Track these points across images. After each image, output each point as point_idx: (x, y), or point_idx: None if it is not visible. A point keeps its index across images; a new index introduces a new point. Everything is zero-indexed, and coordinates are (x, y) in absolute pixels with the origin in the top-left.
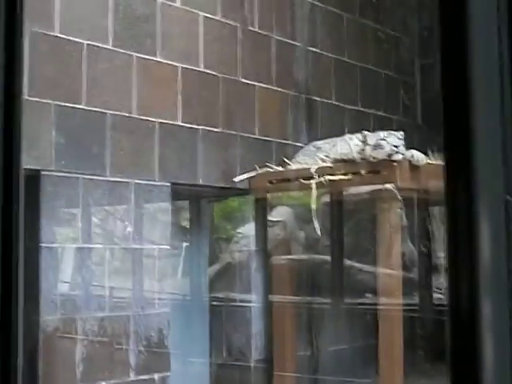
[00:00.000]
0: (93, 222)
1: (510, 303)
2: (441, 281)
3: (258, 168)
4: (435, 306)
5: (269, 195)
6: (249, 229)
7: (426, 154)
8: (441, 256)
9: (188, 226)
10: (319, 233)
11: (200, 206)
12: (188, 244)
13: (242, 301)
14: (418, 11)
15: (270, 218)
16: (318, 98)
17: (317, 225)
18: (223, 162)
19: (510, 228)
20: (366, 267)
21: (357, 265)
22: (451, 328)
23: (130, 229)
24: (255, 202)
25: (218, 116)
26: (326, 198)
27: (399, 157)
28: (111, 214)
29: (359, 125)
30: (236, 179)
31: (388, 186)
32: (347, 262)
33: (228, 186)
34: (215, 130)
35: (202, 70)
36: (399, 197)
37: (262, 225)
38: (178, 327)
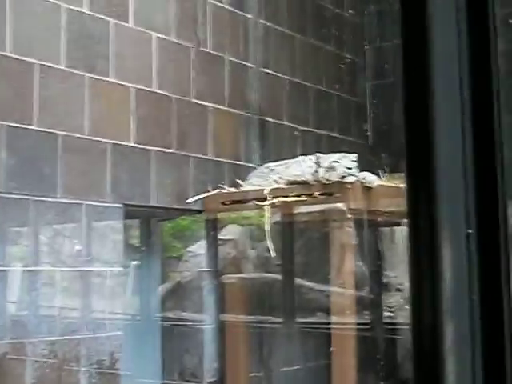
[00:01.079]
0: (43, 243)
1: (471, 330)
2: (391, 299)
3: (210, 189)
4: (386, 325)
5: (220, 215)
6: (199, 247)
7: (378, 175)
8: (391, 275)
9: (138, 245)
10: (273, 254)
11: (150, 225)
12: (138, 263)
13: (193, 321)
14: (371, 32)
15: (220, 236)
16: (270, 119)
17: (271, 246)
18: (176, 182)
19: (471, 257)
20: (317, 286)
21: (308, 284)
22: (414, 354)
23: (80, 250)
24: (206, 221)
25: (171, 137)
26: (278, 218)
27: (352, 179)
28: (62, 236)
29: (312, 146)
30: (189, 200)
31: (339, 205)
32: (298, 281)
33: (181, 207)
34: (168, 150)
35: (155, 90)
36: (349, 216)
37: (213, 243)
38: (129, 348)
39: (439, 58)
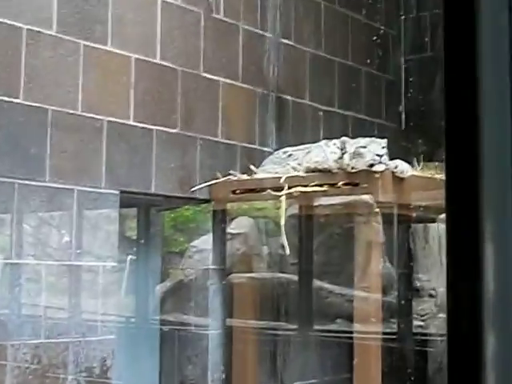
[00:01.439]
0: (27, 233)
1: None
2: (423, 306)
3: (220, 176)
4: (417, 335)
5: (229, 205)
6: (205, 242)
7: (411, 164)
8: (423, 278)
9: (135, 238)
10: (288, 252)
11: (149, 215)
12: (135, 258)
13: (196, 325)
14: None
15: (229, 229)
16: (290, 98)
17: (285, 242)
18: (180, 167)
19: None
20: (338, 289)
21: (328, 286)
22: (449, 367)
23: (69, 242)
24: (213, 212)
25: (175, 115)
26: (295, 210)
27: (381, 167)
28: (49, 225)
29: (337, 129)
30: (194, 188)
31: (366, 197)
32: (317, 283)
33: (185, 195)
34: (172, 131)
35: (158, 61)
36: (377, 210)
37: (221, 238)
38: (123, 355)
39: (488, 31)
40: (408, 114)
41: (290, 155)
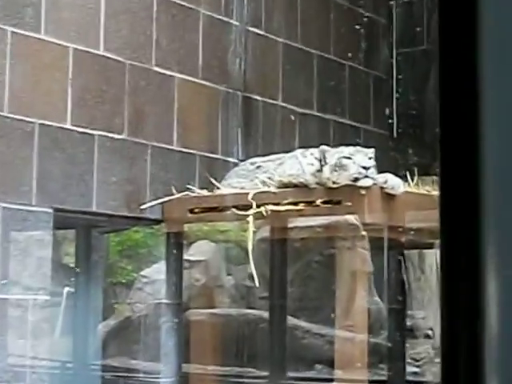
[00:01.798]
0: None
1: None
2: (418, 349)
3: (175, 191)
4: (411, 383)
5: (187, 227)
6: (158, 271)
7: (404, 178)
8: (418, 316)
9: (73, 266)
10: (257, 283)
11: (90, 238)
12: (73, 290)
13: (146, 372)
14: None
15: (187, 256)
16: (259, 98)
17: (254, 272)
18: (128, 181)
19: None
20: (317, 328)
21: (305, 325)
22: None
23: None
24: (168, 235)
25: (121, 118)
26: (266, 233)
27: (368, 182)
28: None
29: (315, 136)
30: (144, 206)
31: (350, 217)
32: (292, 321)
33: (133, 214)
34: (118, 136)
35: (101, 53)
36: (364, 233)
37: (176, 266)
38: None
39: (491, 18)
40: (400, 119)
41: (258, 167)
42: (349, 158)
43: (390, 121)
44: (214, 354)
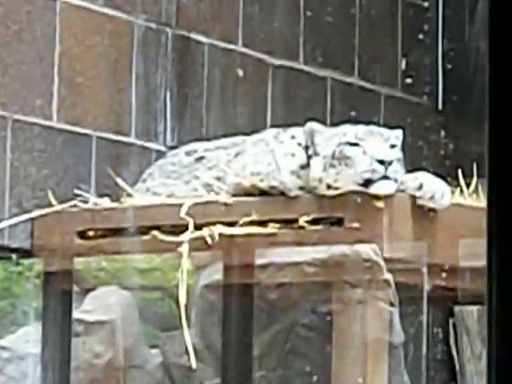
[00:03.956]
0: None
1: None
2: None
3: (53, 200)
4: None
5: (78, 262)
6: (28, 340)
7: (451, 182)
8: None
9: None
10: (193, 362)
11: None
12: None
13: None
14: None
15: (80, 315)
16: (203, 38)
17: (188, 341)
18: None
19: None
20: None
21: None
22: None
23: None
24: (45, 278)
25: None
26: (217, 275)
27: (390, 187)
28: None
29: (299, 107)
30: None
31: (364, 249)
32: None
33: None
34: None
35: None
36: (387, 277)
37: (61, 331)
38: None
39: None
40: (451, 79)
41: (199, 159)
42: (356, 144)
43: (435, 82)
44: None
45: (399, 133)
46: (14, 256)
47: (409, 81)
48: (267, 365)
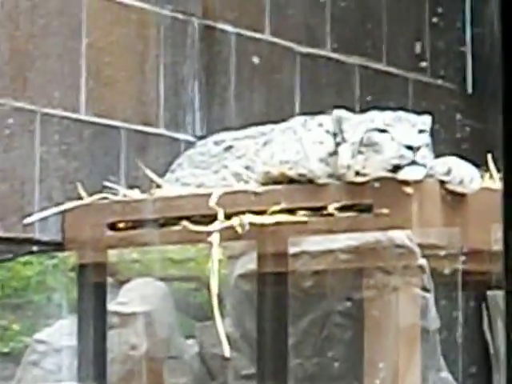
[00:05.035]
0: None
1: None
2: None
3: (83, 193)
4: None
5: (112, 254)
6: (63, 333)
7: (481, 167)
8: None
9: None
10: (227, 351)
11: None
12: None
13: None
14: None
15: (115, 306)
16: (229, 28)
17: (221, 331)
18: None
19: None
20: None
21: None
22: None
23: None
24: (79, 271)
25: None
26: (251, 264)
27: (419, 173)
28: None
29: (328, 94)
30: (29, 220)
31: (399, 236)
32: None
33: (12, 234)
34: None
35: None
36: (424, 263)
37: (96, 324)
38: None
39: None
40: (481, 64)
41: (228, 148)
42: (384, 130)
43: (464, 68)
44: None
45: (427, 118)
46: (46, 249)
47: (437, 65)
48: (303, 353)
